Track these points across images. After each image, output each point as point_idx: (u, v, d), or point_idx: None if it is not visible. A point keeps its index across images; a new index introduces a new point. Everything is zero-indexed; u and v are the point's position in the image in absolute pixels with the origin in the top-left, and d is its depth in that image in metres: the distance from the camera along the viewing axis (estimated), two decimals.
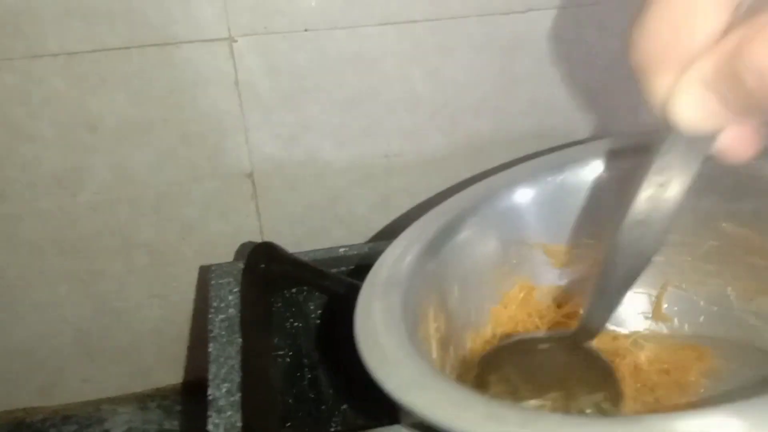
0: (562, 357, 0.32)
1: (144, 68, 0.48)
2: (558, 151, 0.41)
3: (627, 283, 0.28)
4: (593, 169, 0.39)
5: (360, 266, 0.46)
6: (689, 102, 0.20)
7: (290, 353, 0.49)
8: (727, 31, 0.20)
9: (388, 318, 0.30)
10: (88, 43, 0.47)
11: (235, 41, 0.48)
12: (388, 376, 0.26)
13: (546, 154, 0.46)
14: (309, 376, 0.49)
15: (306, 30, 0.49)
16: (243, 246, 0.55)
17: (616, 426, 0.22)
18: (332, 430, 0.43)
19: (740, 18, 0.19)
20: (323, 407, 0.48)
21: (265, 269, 0.43)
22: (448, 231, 0.36)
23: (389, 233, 0.40)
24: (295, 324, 0.49)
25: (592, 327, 0.30)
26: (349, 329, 0.30)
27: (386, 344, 0.28)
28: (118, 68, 0.48)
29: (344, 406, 0.47)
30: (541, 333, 0.37)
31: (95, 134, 0.50)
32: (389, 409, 0.28)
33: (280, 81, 0.51)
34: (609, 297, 0.29)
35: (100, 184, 0.52)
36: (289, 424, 0.47)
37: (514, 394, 0.30)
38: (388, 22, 0.50)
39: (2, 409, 0.60)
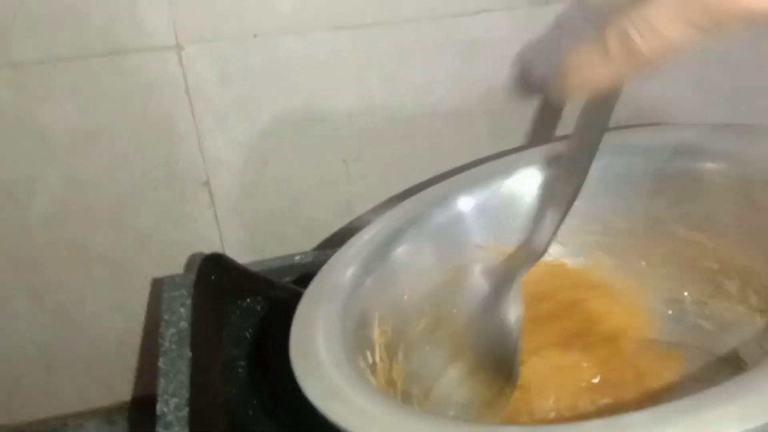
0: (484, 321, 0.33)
1: (92, 77, 0.48)
2: (490, 162, 0.41)
3: (567, 205, 0.32)
4: (528, 176, 0.38)
5: (310, 274, 0.46)
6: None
7: (249, 364, 0.48)
8: None
9: (325, 325, 0.30)
10: (34, 53, 0.46)
11: (183, 49, 0.48)
12: (312, 384, 0.26)
13: (501, 156, 0.46)
14: (268, 385, 0.48)
15: (255, 36, 0.48)
16: (193, 257, 0.54)
17: None
18: None
19: None
20: (283, 416, 0.48)
21: (216, 281, 0.43)
22: (390, 242, 0.36)
23: (350, 237, 0.40)
24: (254, 335, 0.49)
25: (538, 245, 0.33)
26: None
27: (316, 352, 0.28)
28: (66, 78, 0.47)
29: (303, 415, 0.46)
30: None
31: (45, 144, 0.49)
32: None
33: (232, 87, 0.50)
34: (552, 218, 0.33)
35: (53, 195, 0.51)
36: None
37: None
38: (340, 27, 0.50)
39: None
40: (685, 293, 0.39)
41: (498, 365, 0.33)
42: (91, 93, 0.48)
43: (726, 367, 0.35)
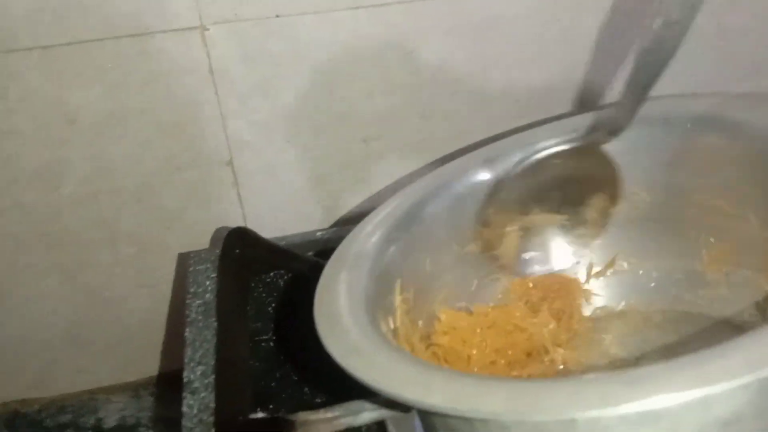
0: (568, 167, 0.36)
1: (118, 60, 0.49)
2: (512, 136, 0.41)
3: (651, 82, 0.33)
4: (546, 152, 0.39)
5: (332, 249, 0.47)
6: None
7: (273, 337, 0.50)
8: None
9: (349, 289, 0.31)
10: (62, 36, 0.48)
11: (207, 29, 0.49)
12: (335, 342, 0.27)
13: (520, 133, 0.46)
14: (293, 358, 0.50)
15: (277, 16, 0.49)
16: (218, 231, 0.55)
17: (540, 387, 0.22)
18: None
19: None
20: (306, 388, 0.49)
21: (240, 254, 0.44)
22: (413, 212, 0.36)
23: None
24: (277, 308, 0.50)
25: (619, 123, 0.34)
26: None
27: (340, 314, 0.29)
28: (93, 60, 0.49)
29: (326, 387, 0.47)
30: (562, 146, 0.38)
31: (73, 127, 0.51)
32: (360, 386, 0.28)
33: (255, 68, 0.51)
34: (637, 94, 0.34)
35: (81, 176, 0.53)
36: (271, 406, 0.47)
37: (524, 211, 0.35)
38: (360, 6, 0.50)
39: None
40: (704, 261, 0.39)
41: None
42: (118, 76, 0.50)
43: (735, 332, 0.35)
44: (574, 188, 0.35)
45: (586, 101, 0.56)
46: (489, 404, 0.22)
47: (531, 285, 0.39)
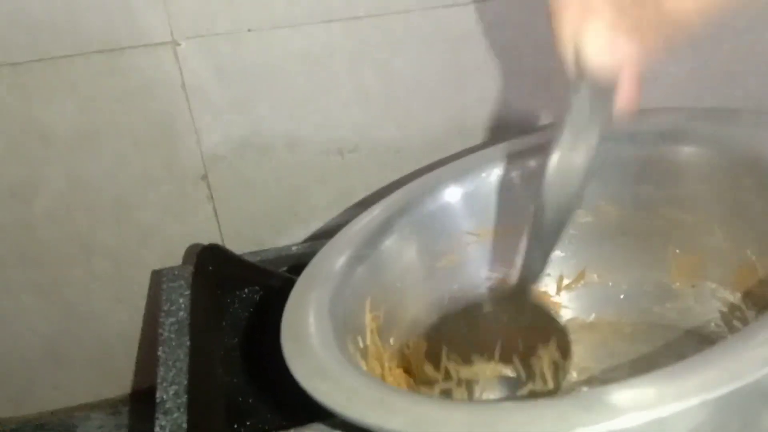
0: (507, 316, 0.33)
1: (91, 75, 0.49)
2: (479, 152, 0.41)
3: (555, 235, 0.31)
4: (511, 167, 0.39)
5: (306, 263, 0.47)
6: (596, 43, 0.25)
7: (249, 353, 0.49)
8: None
9: (317, 309, 0.31)
10: (33, 53, 0.47)
11: (179, 44, 0.49)
12: (299, 364, 0.27)
13: (498, 143, 0.46)
14: (267, 375, 0.49)
15: (249, 30, 0.49)
16: (191, 248, 0.55)
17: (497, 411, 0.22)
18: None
19: None
20: (285, 403, 0.49)
21: (214, 271, 0.44)
22: (381, 230, 0.36)
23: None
24: (252, 324, 0.50)
25: (529, 277, 0.32)
26: None
27: (306, 335, 0.28)
28: (65, 77, 0.48)
29: (304, 402, 0.47)
30: (483, 294, 0.37)
31: (47, 144, 0.50)
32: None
33: (228, 82, 0.51)
34: (541, 248, 0.31)
35: (56, 193, 0.52)
36: (249, 422, 0.47)
37: (468, 363, 0.31)
38: (333, 19, 0.50)
39: None
40: (672, 273, 0.39)
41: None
42: (91, 92, 0.49)
43: (702, 344, 0.35)
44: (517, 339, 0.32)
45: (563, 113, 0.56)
46: (448, 428, 0.22)
47: None
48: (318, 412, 0.41)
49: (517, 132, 0.57)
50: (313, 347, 0.28)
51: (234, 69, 0.50)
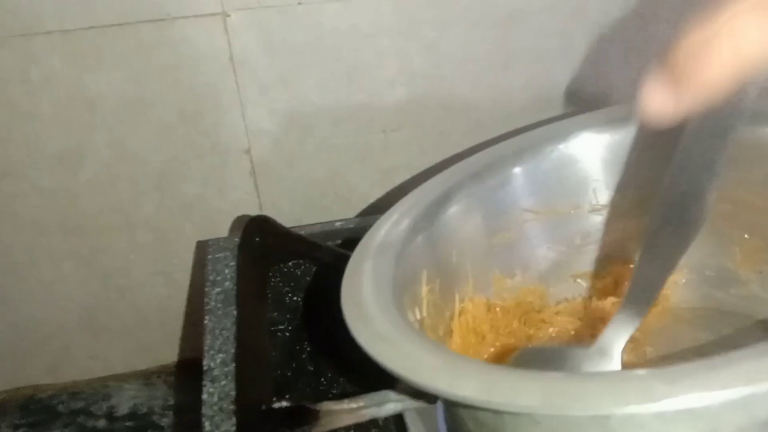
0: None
1: (140, 45, 0.49)
2: (547, 125, 0.40)
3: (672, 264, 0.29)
4: (581, 141, 0.38)
5: (354, 239, 0.46)
6: None
7: (289, 327, 0.49)
8: None
9: (376, 277, 0.31)
10: (84, 20, 0.47)
11: (229, 16, 0.48)
12: (362, 329, 0.26)
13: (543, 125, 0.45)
14: (309, 349, 0.49)
15: (299, 3, 0.49)
16: (238, 220, 0.55)
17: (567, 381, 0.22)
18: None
19: None
20: (323, 379, 0.49)
21: (260, 243, 0.44)
22: (440, 203, 0.36)
23: (387, 207, 0.40)
24: (294, 298, 0.50)
25: (634, 314, 0.30)
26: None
27: (367, 301, 0.28)
28: (115, 45, 0.48)
29: (342, 378, 0.47)
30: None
31: (94, 112, 0.51)
32: (383, 376, 0.28)
33: (275, 56, 0.51)
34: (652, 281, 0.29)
35: (101, 162, 0.53)
36: (287, 396, 0.47)
37: None
38: None
39: (11, 386, 0.61)
40: (737, 259, 0.38)
41: None
42: (139, 62, 0.49)
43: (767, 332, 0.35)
44: None
45: (609, 97, 0.56)
46: (524, 398, 0.22)
47: None
48: (359, 387, 0.41)
49: (565, 116, 0.56)
50: (374, 314, 0.28)
51: (282, 43, 0.50)
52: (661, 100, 0.23)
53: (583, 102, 0.56)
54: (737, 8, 0.21)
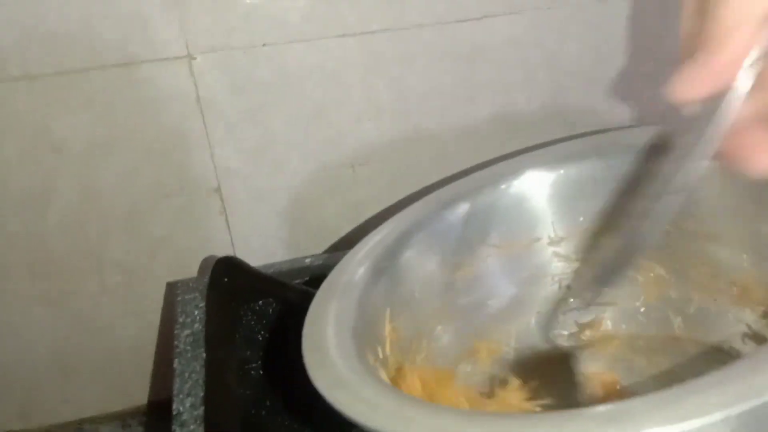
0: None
1: (106, 88, 0.49)
2: (503, 161, 0.41)
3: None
4: (535, 177, 0.39)
5: (322, 276, 0.47)
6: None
7: (263, 366, 0.49)
8: None
9: (338, 321, 0.31)
10: (49, 66, 0.48)
11: (194, 59, 0.49)
12: (321, 375, 0.27)
13: (509, 158, 0.46)
14: (280, 387, 0.49)
15: (264, 45, 0.50)
16: (206, 260, 0.55)
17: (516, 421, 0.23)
18: None
19: None
20: (294, 418, 0.49)
21: (228, 283, 0.44)
22: (402, 241, 0.37)
23: (357, 241, 0.40)
24: (266, 336, 0.50)
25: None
26: None
27: (327, 346, 0.29)
28: (80, 89, 0.49)
29: (315, 418, 0.47)
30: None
31: (60, 155, 0.51)
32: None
33: (242, 96, 0.51)
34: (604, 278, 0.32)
35: (68, 204, 0.52)
36: None
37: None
38: (347, 34, 0.51)
39: None
40: (691, 288, 0.39)
41: None
42: (105, 104, 0.50)
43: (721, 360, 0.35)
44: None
45: (573, 126, 0.57)
46: None
47: None
48: (333, 424, 0.41)
49: (527, 147, 0.57)
50: (334, 358, 0.28)
51: (249, 83, 0.51)
52: (691, 82, 0.24)
53: (546, 131, 0.57)
54: None
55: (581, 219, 0.35)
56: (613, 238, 0.32)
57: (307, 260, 0.50)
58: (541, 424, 0.22)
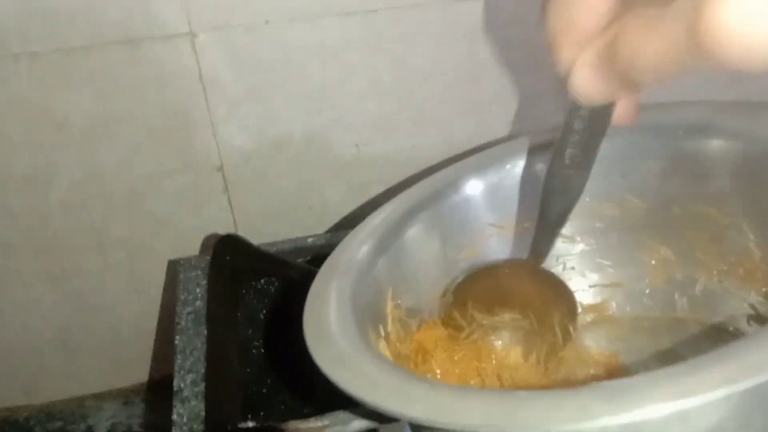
0: (523, 277, 0.36)
1: (107, 66, 0.49)
2: (508, 141, 0.41)
3: (561, 221, 0.35)
4: (543, 157, 0.39)
5: (325, 255, 0.47)
6: (582, 79, 0.24)
7: (264, 345, 0.50)
8: (616, 16, 0.23)
9: (339, 298, 0.31)
10: (51, 43, 0.47)
11: (197, 36, 0.49)
12: (321, 351, 0.27)
13: (512, 139, 0.46)
14: (281, 366, 0.50)
15: (267, 22, 0.49)
16: (208, 238, 0.55)
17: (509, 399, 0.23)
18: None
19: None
20: (295, 396, 0.49)
21: (231, 261, 0.44)
22: (404, 221, 0.36)
23: (360, 221, 0.40)
24: (268, 315, 0.50)
25: (539, 253, 0.36)
26: None
27: (328, 322, 0.29)
28: (82, 67, 0.49)
29: (315, 396, 0.47)
30: (502, 260, 0.39)
31: (62, 133, 0.51)
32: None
33: (245, 74, 0.51)
34: (548, 231, 0.35)
35: (71, 181, 0.53)
36: (261, 413, 0.47)
37: (491, 312, 0.34)
38: (350, 12, 0.50)
39: None
40: (697, 269, 0.39)
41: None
42: (108, 82, 0.49)
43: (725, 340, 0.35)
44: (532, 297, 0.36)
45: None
46: (466, 417, 0.22)
47: None
48: (332, 403, 0.41)
49: (532, 128, 0.57)
50: (334, 335, 0.28)
51: (251, 61, 0.50)
52: (593, 80, 0.23)
53: (553, 113, 0.57)
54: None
55: (587, 199, 0.35)
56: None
57: (310, 240, 0.50)
58: (541, 400, 0.22)
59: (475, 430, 0.23)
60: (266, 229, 0.57)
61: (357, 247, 0.34)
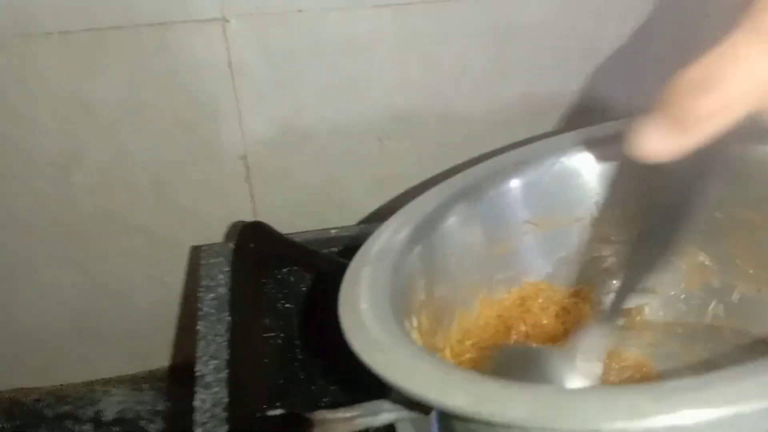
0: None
1: (139, 49, 0.49)
2: (548, 138, 0.41)
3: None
4: (583, 155, 0.39)
5: (350, 247, 0.47)
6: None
7: (282, 334, 0.49)
8: None
9: (373, 285, 0.31)
10: (82, 22, 0.47)
11: (228, 22, 0.48)
12: (358, 337, 0.26)
13: (537, 140, 0.46)
14: (300, 356, 0.49)
15: (299, 11, 0.49)
16: (233, 225, 0.55)
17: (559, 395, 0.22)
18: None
19: None
20: (314, 387, 0.49)
21: (255, 249, 0.44)
22: (440, 212, 0.36)
23: (382, 216, 0.40)
24: (287, 305, 0.50)
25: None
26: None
27: (363, 309, 0.28)
28: (113, 49, 0.48)
29: (333, 387, 0.47)
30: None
31: (91, 116, 0.50)
32: (376, 385, 0.28)
33: (274, 63, 0.51)
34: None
35: (97, 166, 0.52)
36: (279, 403, 0.47)
37: None
38: (382, 5, 0.50)
39: None
40: (736, 276, 0.38)
41: None
42: (137, 66, 0.49)
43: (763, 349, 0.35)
44: None
45: (605, 111, 0.56)
46: (513, 410, 0.22)
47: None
48: (351, 396, 0.40)
49: (560, 130, 0.57)
50: (370, 322, 0.28)
51: (281, 50, 0.50)
52: (657, 138, 0.21)
53: (579, 116, 0.56)
54: (737, 34, 0.19)
55: (627, 202, 0.34)
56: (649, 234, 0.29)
57: (333, 231, 0.49)
58: (589, 396, 0.22)
59: (519, 424, 0.22)
60: (286, 220, 0.56)
61: (392, 235, 0.34)
